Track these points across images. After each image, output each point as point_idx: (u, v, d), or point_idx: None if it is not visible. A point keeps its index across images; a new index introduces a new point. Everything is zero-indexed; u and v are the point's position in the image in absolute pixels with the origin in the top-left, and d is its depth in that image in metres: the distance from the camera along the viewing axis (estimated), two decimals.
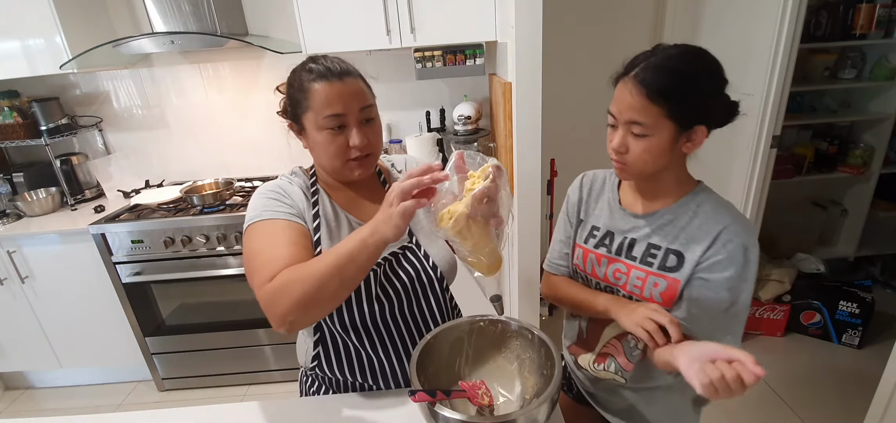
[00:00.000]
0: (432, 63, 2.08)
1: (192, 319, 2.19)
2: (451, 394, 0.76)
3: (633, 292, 0.89)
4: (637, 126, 0.78)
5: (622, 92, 0.79)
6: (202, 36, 1.95)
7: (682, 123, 0.78)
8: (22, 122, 2.14)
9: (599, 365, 0.98)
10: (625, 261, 0.91)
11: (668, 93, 0.75)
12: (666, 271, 0.85)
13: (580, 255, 0.98)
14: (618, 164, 0.85)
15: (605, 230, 0.95)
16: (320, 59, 0.85)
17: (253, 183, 2.39)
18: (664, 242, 0.87)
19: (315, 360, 0.95)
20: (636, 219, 0.91)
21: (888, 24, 2.24)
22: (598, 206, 0.98)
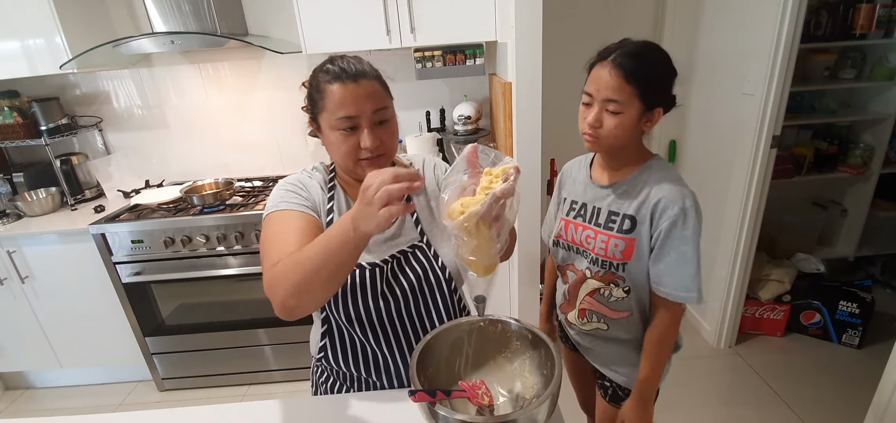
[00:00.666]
0: (432, 63, 2.08)
1: (192, 319, 2.19)
2: (451, 394, 0.75)
3: (599, 253, 1.04)
4: (613, 104, 0.93)
5: (600, 74, 0.94)
6: (202, 36, 1.95)
7: (647, 104, 0.94)
8: (22, 122, 2.14)
9: (582, 320, 1.14)
10: (593, 227, 1.06)
11: (641, 76, 0.91)
12: (623, 234, 1.01)
13: (562, 226, 1.14)
14: (591, 137, 0.98)
15: (580, 203, 1.11)
16: (338, 60, 0.87)
17: (253, 183, 2.39)
18: (622, 208, 1.02)
19: (322, 351, 0.97)
20: (602, 189, 1.07)
21: (888, 24, 2.24)
22: (576, 185, 1.15)
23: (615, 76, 0.91)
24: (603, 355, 1.17)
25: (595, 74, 0.96)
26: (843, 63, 2.42)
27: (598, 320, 1.11)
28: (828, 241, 2.78)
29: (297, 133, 2.41)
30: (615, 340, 1.12)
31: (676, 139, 2.59)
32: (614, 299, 1.06)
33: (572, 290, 1.14)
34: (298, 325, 2.18)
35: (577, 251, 1.10)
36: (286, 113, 2.42)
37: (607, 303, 1.08)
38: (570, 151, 2.62)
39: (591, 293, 1.10)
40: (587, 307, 1.12)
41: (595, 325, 1.12)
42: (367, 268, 0.89)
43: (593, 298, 1.09)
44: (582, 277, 1.10)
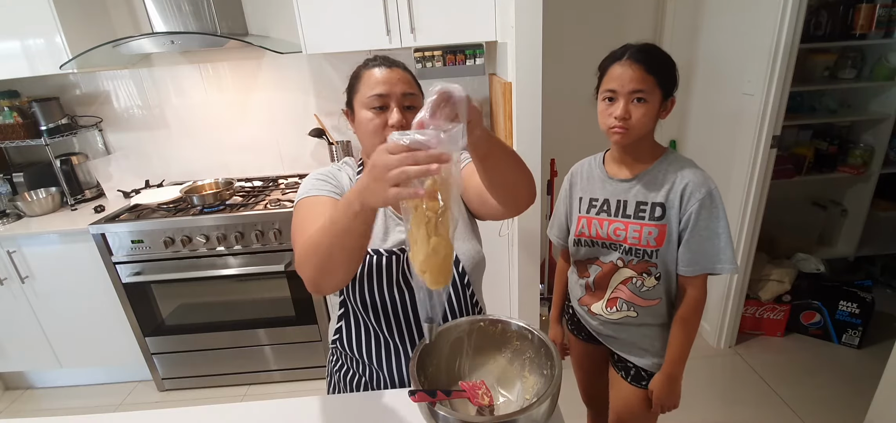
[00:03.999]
0: (432, 63, 2.08)
1: (192, 319, 2.19)
2: (451, 394, 0.76)
3: (633, 243, 1.09)
4: (639, 93, 1.00)
5: (621, 70, 1.00)
6: (202, 36, 1.95)
7: (666, 93, 1.03)
8: (22, 122, 2.14)
9: (611, 309, 1.19)
10: (622, 220, 1.11)
11: (659, 67, 1.00)
12: (656, 221, 1.08)
13: (585, 224, 1.17)
14: (620, 130, 1.02)
15: (602, 199, 1.16)
16: (378, 56, 0.95)
17: (253, 183, 2.40)
18: (649, 197, 1.09)
19: (337, 333, 1.00)
20: (623, 183, 1.13)
21: (888, 24, 2.24)
22: (591, 183, 1.20)
23: (638, 69, 0.99)
24: (628, 341, 1.21)
25: (614, 72, 1.02)
26: (843, 63, 2.42)
27: (628, 308, 1.16)
28: (828, 241, 2.78)
29: (298, 133, 2.41)
30: (643, 325, 1.17)
31: (676, 139, 2.59)
32: (646, 288, 1.13)
33: (599, 281, 1.19)
34: (298, 325, 2.19)
35: (605, 245, 1.15)
36: (286, 113, 2.42)
37: (639, 293, 1.14)
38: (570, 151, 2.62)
39: (624, 282, 1.15)
40: (618, 296, 1.17)
41: (624, 313, 1.17)
42: (384, 255, 0.90)
43: (626, 286, 1.15)
44: (612, 267, 1.15)
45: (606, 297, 1.20)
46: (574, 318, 1.36)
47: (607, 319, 1.21)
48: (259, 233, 1.99)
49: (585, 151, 1.25)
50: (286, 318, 2.18)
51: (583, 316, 1.30)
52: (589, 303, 1.24)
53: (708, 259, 1.06)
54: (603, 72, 1.07)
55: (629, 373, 1.24)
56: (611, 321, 1.21)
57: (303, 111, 2.40)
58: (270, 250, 2.02)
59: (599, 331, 1.26)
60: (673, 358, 1.14)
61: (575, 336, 1.40)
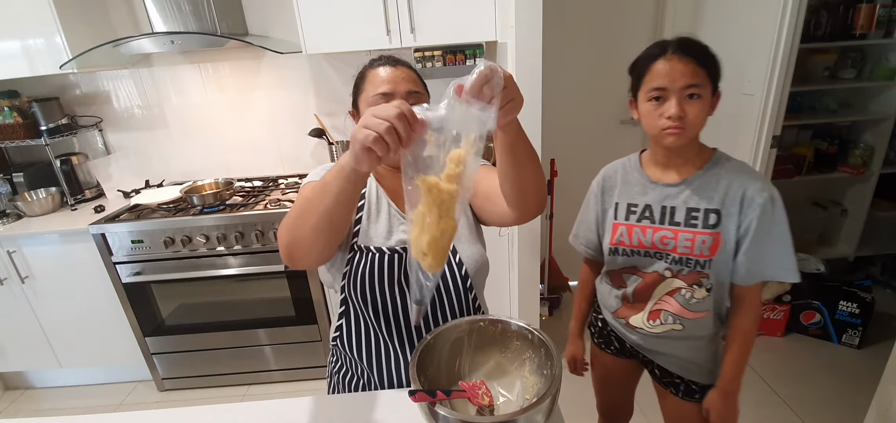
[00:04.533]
0: (432, 63, 2.08)
1: (192, 319, 2.19)
2: (451, 394, 0.76)
3: (683, 252, 1.02)
4: (693, 88, 0.92)
5: (670, 66, 0.92)
6: (202, 36, 1.95)
7: (715, 86, 0.96)
8: (22, 122, 2.14)
9: (654, 322, 1.11)
10: (670, 228, 1.03)
11: (708, 59, 0.93)
12: (710, 229, 0.99)
13: (624, 232, 1.09)
14: (675, 129, 0.94)
15: (643, 205, 1.07)
16: (383, 56, 0.95)
17: (253, 183, 2.39)
18: (701, 203, 1.00)
19: (338, 331, 0.99)
20: (669, 188, 1.04)
21: (888, 24, 2.24)
22: (628, 187, 1.11)
23: (689, 63, 0.91)
24: (673, 355, 1.14)
25: (660, 68, 0.94)
26: (843, 63, 2.42)
27: (673, 321, 1.08)
28: (828, 241, 2.79)
29: (298, 133, 2.41)
30: (690, 338, 1.10)
31: None
32: (696, 300, 1.05)
33: (641, 292, 1.11)
34: (298, 325, 2.19)
35: (650, 255, 1.07)
36: (286, 113, 2.42)
37: (688, 305, 1.06)
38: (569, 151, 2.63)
39: (671, 293, 1.07)
40: (663, 308, 1.09)
41: (669, 326, 1.09)
42: (387, 252, 0.90)
43: (673, 298, 1.07)
44: (657, 278, 1.07)
45: (648, 309, 1.11)
46: (604, 331, 1.29)
47: (649, 332, 1.12)
48: (259, 233, 1.99)
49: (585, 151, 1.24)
50: (286, 318, 2.18)
51: (618, 329, 1.22)
52: (627, 316, 1.16)
53: (770, 268, 1.00)
54: (641, 71, 0.98)
55: (679, 389, 1.17)
56: (653, 335, 1.12)
57: (303, 111, 2.40)
58: (270, 250, 2.02)
59: (639, 345, 1.18)
60: (732, 374, 1.07)
61: (602, 349, 1.32)
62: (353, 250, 0.91)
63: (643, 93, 0.98)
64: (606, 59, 2.49)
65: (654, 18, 2.43)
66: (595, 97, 2.58)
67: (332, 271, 0.94)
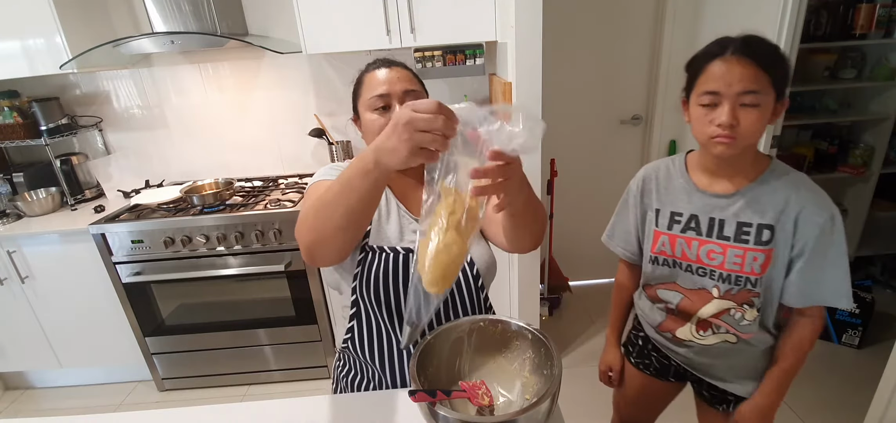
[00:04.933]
0: (432, 63, 2.08)
1: (192, 319, 2.19)
2: (451, 394, 0.75)
3: (732, 269, 0.94)
4: (751, 95, 0.82)
5: (726, 67, 0.83)
6: (202, 36, 1.95)
7: (779, 93, 0.85)
8: (22, 122, 2.14)
9: (704, 332, 1.03)
10: (718, 242, 0.95)
11: (773, 62, 0.83)
12: (762, 246, 0.91)
13: (665, 242, 1.01)
14: (726, 138, 0.86)
15: (688, 215, 0.99)
16: (379, 59, 0.95)
17: (253, 183, 2.39)
18: (754, 218, 0.92)
19: (349, 333, 0.97)
20: (719, 199, 0.95)
21: (888, 24, 2.24)
22: (671, 193, 1.02)
23: (748, 65, 0.82)
24: (723, 367, 1.07)
25: (715, 69, 0.85)
26: (843, 63, 2.42)
27: (725, 331, 1.02)
28: None
29: (298, 133, 2.41)
30: (743, 350, 1.03)
31: (676, 139, 2.60)
32: (746, 322, 0.98)
33: (687, 308, 1.03)
34: (298, 325, 2.19)
35: (693, 269, 0.99)
36: (286, 113, 2.42)
37: (738, 326, 0.99)
38: (569, 151, 2.63)
39: (716, 315, 1.00)
40: (712, 320, 1.02)
41: (722, 337, 1.02)
42: (401, 252, 0.90)
43: (721, 319, 1.00)
44: (705, 296, 1.00)
45: (695, 319, 1.04)
46: (645, 349, 1.20)
47: (701, 344, 1.04)
48: (259, 233, 1.99)
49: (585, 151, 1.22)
50: (286, 318, 2.18)
51: (663, 345, 1.13)
52: (672, 328, 1.08)
53: (823, 291, 0.92)
54: (696, 70, 0.89)
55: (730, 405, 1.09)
56: (705, 347, 1.04)
57: (303, 111, 2.40)
58: (270, 250, 2.02)
59: (689, 361, 1.10)
60: (774, 390, 0.99)
61: (638, 369, 1.23)
62: (363, 250, 0.90)
63: (696, 94, 0.90)
64: (606, 59, 2.50)
65: (655, 18, 2.43)
66: (595, 97, 2.58)
67: (340, 272, 0.93)
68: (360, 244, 0.91)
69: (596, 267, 3.03)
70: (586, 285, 3.02)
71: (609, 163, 2.74)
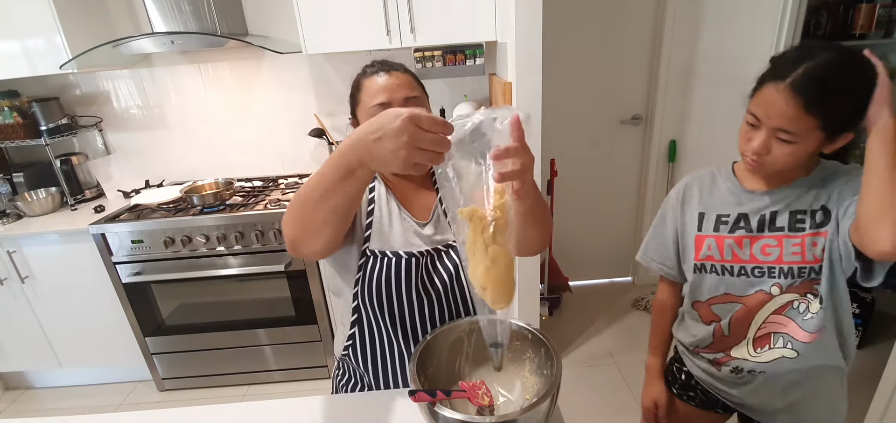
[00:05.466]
0: (432, 63, 2.08)
1: (192, 319, 2.19)
2: (451, 394, 0.75)
3: (792, 261, 0.88)
4: (786, 134, 0.79)
5: (774, 97, 0.78)
6: (202, 36, 1.95)
7: (832, 133, 0.79)
8: (22, 122, 2.14)
9: (761, 349, 0.95)
10: (772, 235, 0.90)
11: (826, 104, 0.75)
12: (819, 228, 0.86)
13: (712, 245, 0.95)
14: (754, 163, 0.84)
15: (736, 215, 0.94)
16: (375, 62, 0.93)
17: (253, 183, 2.39)
18: (805, 205, 0.87)
19: (350, 340, 0.96)
20: (769, 195, 0.91)
21: (888, 24, 2.24)
22: (716, 196, 0.98)
23: (793, 105, 0.76)
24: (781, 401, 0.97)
25: (767, 95, 0.80)
26: None
27: (784, 344, 0.92)
28: None
29: (298, 133, 2.41)
30: (806, 370, 0.93)
31: (676, 139, 2.60)
32: (810, 315, 0.89)
33: (739, 321, 0.95)
34: (298, 325, 2.19)
35: (747, 272, 0.92)
36: (286, 113, 2.42)
37: (801, 320, 0.90)
38: (569, 151, 2.62)
39: (778, 310, 0.91)
40: (771, 329, 0.93)
41: (780, 352, 0.92)
42: (404, 257, 0.88)
43: (782, 314, 0.91)
44: (763, 298, 0.91)
45: (751, 337, 0.94)
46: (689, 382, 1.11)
47: (756, 363, 0.94)
48: (259, 233, 1.99)
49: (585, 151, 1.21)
50: (286, 318, 2.18)
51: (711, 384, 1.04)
52: (726, 348, 0.98)
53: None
54: (760, 82, 0.84)
55: None
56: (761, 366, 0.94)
57: (303, 111, 2.40)
58: (270, 250, 2.02)
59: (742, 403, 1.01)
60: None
61: (682, 400, 1.13)
62: (365, 255, 0.89)
63: (749, 107, 0.86)
64: (606, 59, 2.49)
65: (655, 19, 2.43)
66: (595, 97, 2.58)
67: (342, 275, 0.92)
68: (362, 249, 0.89)
69: (596, 267, 3.03)
70: (586, 285, 3.02)
71: (609, 163, 2.74)
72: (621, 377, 2.23)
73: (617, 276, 3.07)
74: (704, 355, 1.03)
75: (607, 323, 2.63)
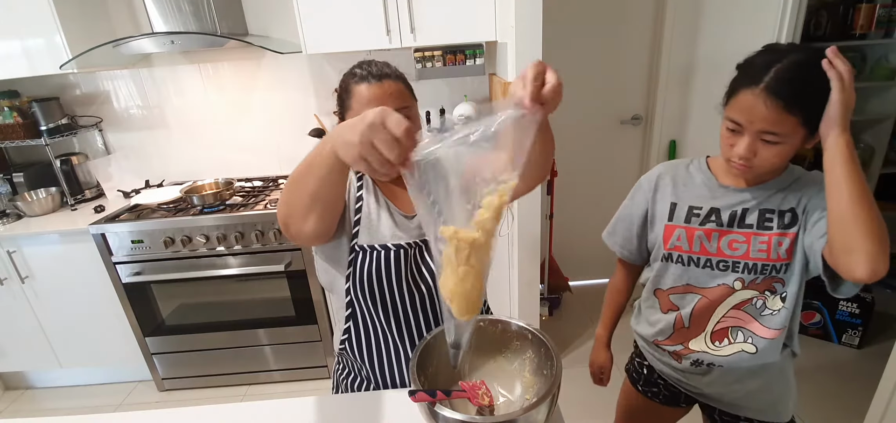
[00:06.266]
0: (432, 63, 2.08)
1: (192, 319, 2.19)
2: (451, 394, 0.75)
3: (758, 258, 0.90)
4: (772, 135, 0.80)
5: (752, 102, 0.79)
6: (202, 36, 1.95)
7: (814, 127, 0.80)
8: (22, 122, 2.14)
9: (719, 342, 0.98)
10: (740, 231, 0.92)
11: (805, 102, 0.77)
12: (786, 229, 0.89)
13: (682, 235, 0.96)
14: (742, 167, 0.86)
15: (708, 208, 0.95)
16: (364, 64, 0.92)
17: (253, 183, 2.39)
18: (775, 205, 0.90)
19: (346, 334, 0.97)
20: (742, 193, 0.93)
21: (888, 24, 2.24)
22: (690, 188, 0.99)
23: (772, 108, 0.77)
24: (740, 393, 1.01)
25: (743, 101, 0.81)
26: None
27: (744, 338, 0.95)
28: None
29: (297, 133, 2.41)
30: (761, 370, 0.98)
31: (676, 139, 2.59)
32: (769, 311, 0.93)
33: (702, 313, 0.98)
34: (298, 325, 2.19)
35: (712, 264, 0.95)
36: (286, 113, 2.42)
37: (760, 316, 0.94)
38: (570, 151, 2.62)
39: (737, 306, 0.95)
40: (730, 324, 0.96)
41: (739, 346, 0.96)
42: (393, 249, 0.90)
43: (742, 310, 0.94)
44: (725, 292, 0.95)
45: (709, 329, 0.98)
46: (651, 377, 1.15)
47: (715, 357, 0.98)
48: (259, 233, 1.99)
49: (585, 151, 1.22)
50: (286, 318, 2.18)
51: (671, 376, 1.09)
52: (684, 340, 1.02)
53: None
54: (731, 90, 0.85)
55: None
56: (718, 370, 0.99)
57: (303, 111, 2.40)
58: (270, 250, 2.02)
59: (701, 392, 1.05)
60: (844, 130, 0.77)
61: (646, 397, 1.18)
62: (353, 251, 0.90)
63: (726, 112, 0.87)
64: (606, 59, 2.50)
65: (655, 19, 2.43)
66: (595, 97, 2.58)
67: (334, 269, 0.93)
68: (350, 245, 0.90)
69: (596, 267, 3.03)
70: (586, 285, 3.02)
71: (609, 163, 2.74)
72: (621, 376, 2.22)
73: None
74: (665, 347, 1.06)
75: None
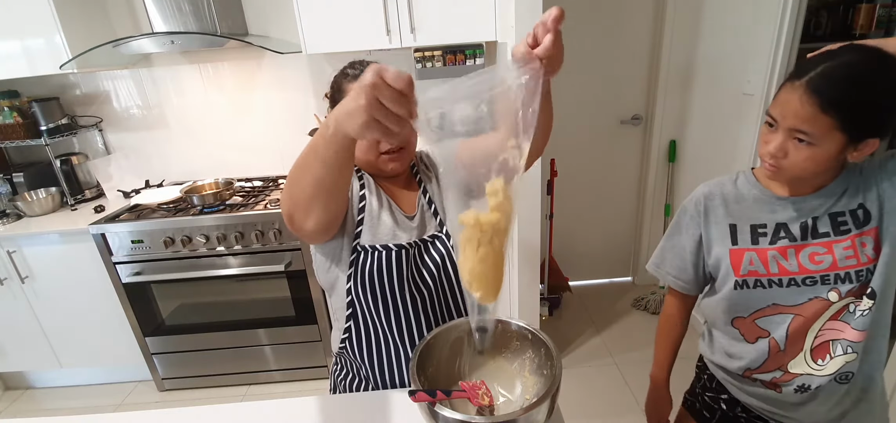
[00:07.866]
0: (432, 63, 2.08)
1: (192, 319, 2.19)
2: (451, 394, 0.75)
3: (848, 266, 0.82)
4: (802, 134, 0.76)
5: (789, 96, 0.76)
6: (202, 36, 1.95)
7: (854, 136, 0.74)
8: (22, 122, 2.14)
9: (822, 360, 0.88)
10: (819, 242, 0.84)
11: (843, 104, 0.72)
12: (863, 228, 0.82)
13: (754, 259, 0.88)
14: (772, 167, 0.81)
15: (773, 224, 0.88)
16: (357, 64, 0.93)
17: (253, 183, 2.39)
18: (843, 207, 0.84)
19: (346, 333, 0.97)
20: (806, 201, 0.86)
21: (888, 25, 2.24)
22: (745, 207, 0.91)
23: (807, 104, 0.73)
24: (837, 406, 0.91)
25: (784, 94, 0.77)
26: None
27: (843, 349, 0.86)
28: None
29: (298, 133, 2.41)
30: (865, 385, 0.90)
31: (676, 139, 2.59)
32: (860, 313, 0.84)
33: (799, 331, 0.88)
34: (298, 325, 2.18)
35: (797, 282, 0.86)
36: (286, 113, 2.42)
37: (853, 321, 0.85)
38: (570, 152, 2.62)
39: (834, 316, 0.86)
40: (828, 337, 0.87)
41: (842, 359, 0.86)
42: (394, 250, 0.90)
43: (838, 319, 0.86)
44: (821, 306, 0.85)
45: (807, 347, 0.88)
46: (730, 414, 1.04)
47: (820, 377, 0.87)
48: (259, 233, 1.99)
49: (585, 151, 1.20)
50: (286, 318, 2.18)
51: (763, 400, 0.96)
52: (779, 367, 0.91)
53: None
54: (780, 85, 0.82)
55: None
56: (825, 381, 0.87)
57: (303, 111, 2.40)
58: (270, 250, 2.02)
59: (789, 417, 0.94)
60: None
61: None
62: (355, 251, 0.90)
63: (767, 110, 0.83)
64: (606, 59, 2.50)
65: (655, 19, 2.43)
66: (595, 97, 2.58)
67: (336, 267, 0.93)
68: (353, 245, 0.90)
69: (596, 267, 3.03)
70: (586, 285, 3.02)
71: (609, 163, 2.74)
72: (621, 376, 2.23)
73: (617, 276, 3.07)
74: (759, 377, 0.94)
75: (607, 323, 2.63)
